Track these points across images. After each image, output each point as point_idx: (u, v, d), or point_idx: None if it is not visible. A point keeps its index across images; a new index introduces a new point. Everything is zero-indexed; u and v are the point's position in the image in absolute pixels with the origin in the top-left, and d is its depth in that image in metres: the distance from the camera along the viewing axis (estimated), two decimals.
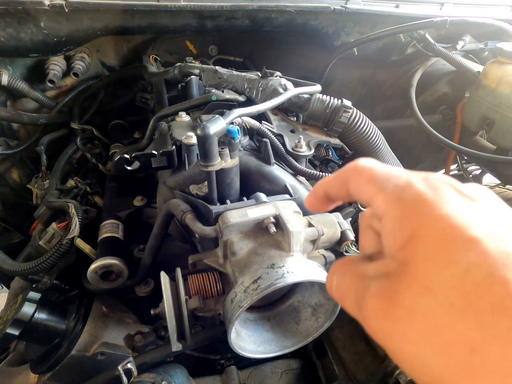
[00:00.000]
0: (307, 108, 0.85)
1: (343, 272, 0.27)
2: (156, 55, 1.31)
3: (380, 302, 0.22)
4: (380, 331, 0.23)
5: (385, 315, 0.22)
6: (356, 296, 0.25)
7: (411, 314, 0.21)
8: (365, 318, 0.24)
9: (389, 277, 0.23)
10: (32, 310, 0.68)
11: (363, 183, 0.27)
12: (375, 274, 0.24)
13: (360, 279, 0.25)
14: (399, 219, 0.24)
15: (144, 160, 0.71)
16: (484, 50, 1.45)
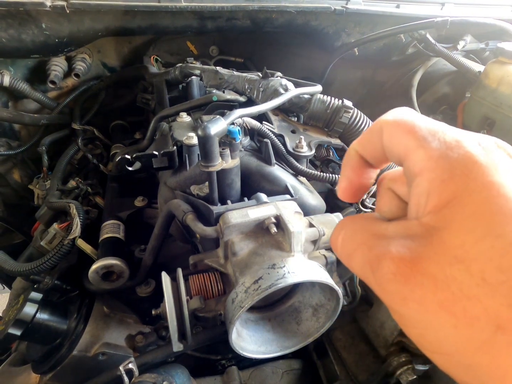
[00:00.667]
0: (308, 109, 0.85)
1: (354, 229, 0.25)
2: (157, 55, 1.31)
3: (400, 265, 0.20)
4: (395, 295, 0.21)
5: (405, 280, 0.20)
6: (369, 256, 0.22)
7: (435, 283, 0.19)
8: (378, 279, 0.21)
9: (414, 240, 0.21)
10: (34, 311, 0.68)
11: (401, 134, 0.24)
12: (395, 235, 0.22)
13: (376, 238, 0.23)
14: (440, 180, 0.21)
15: (145, 161, 0.71)
16: (485, 50, 1.45)
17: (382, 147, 0.25)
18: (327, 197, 0.89)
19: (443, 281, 0.19)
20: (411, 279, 0.20)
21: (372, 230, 0.24)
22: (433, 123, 0.23)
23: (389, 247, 0.21)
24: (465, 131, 0.23)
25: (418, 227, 0.21)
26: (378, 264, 0.21)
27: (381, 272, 0.21)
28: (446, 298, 0.19)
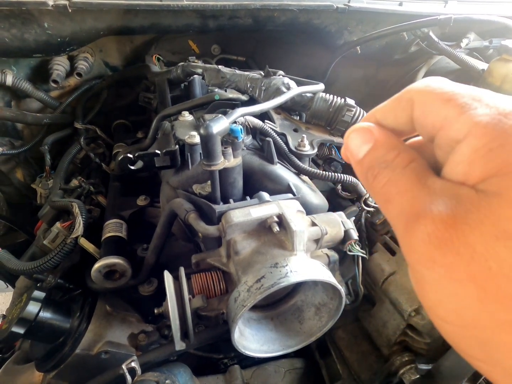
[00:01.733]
0: (310, 107, 0.85)
1: (401, 167, 0.22)
2: (159, 54, 1.31)
3: (439, 228, 0.18)
4: (423, 256, 0.19)
5: (439, 243, 0.18)
6: (409, 209, 0.20)
7: (472, 254, 0.18)
8: (410, 237, 0.20)
9: (460, 203, 0.19)
10: (37, 309, 0.68)
11: (439, 104, 0.21)
12: (442, 192, 0.20)
13: (423, 189, 0.20)
14: (487, 149, 0.19)
15: (147, 160, 0.71)
16: (488, 48, 1.43)
17: (410, 119, 0.23)
18: (329, 196, 0.89)
19: (482, 254, 0.17)
20: (447, 243, 0.18)
21: (421, 177, 0.21)
22: (477, 89, 0.21)
23: (432, 205, 0.19)
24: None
25: (467, 191, 0.19)
26: (416, 221, 0.19)
27: (416, 230, 0.19)
28: (480, 272, 0.17)
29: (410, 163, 0.22)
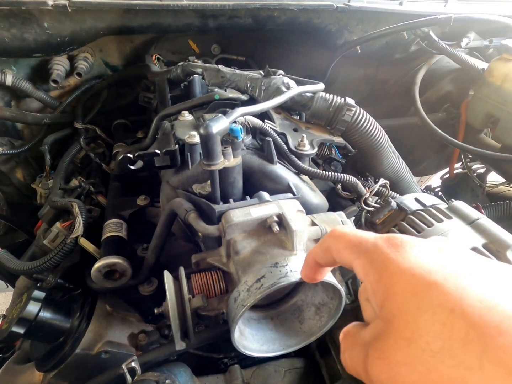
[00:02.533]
0: (310, 107, 0.84)
1: (351, 346, 0.29)
2: (159, 54, 1.31)
3: (379, 365, 0.24)
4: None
5: (386, 375, 0.24)
6: (363, 365, 0.27)
7: (404, 367, 0.23)
8: (375, 383, 0.26)
9: (379, 338, 0.25)
10: (37, 309, 0.68)
11: (342, 250, 0.31)
12: (370, 339, 0.27)
13: (362, 348, 0.27)
14: (375, 281, 0.27)
15: (147, 159, 0.71)
16: (489, 47, 1.43)
17: (332, 258, 0.33)
18: (329, 195, 0.89)
19: (408, 363, 0.23)
20: (390, 372, 0.24)
21: (359, 341, 0.28)
22: (360, 234, 0.31)
23: (369, 352, 0.26)
24: (379, 234, 0.29)
25: (380, 324, 0.26)
26: (367, 370, 0.26)
27: (371, 376, 0.25)
28: (417, 376, 0.22)
29: (353, 338, 0.30)
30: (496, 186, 1.56)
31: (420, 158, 1.62)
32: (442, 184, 1.77)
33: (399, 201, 0.68)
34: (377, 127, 0.85)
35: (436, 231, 0.58)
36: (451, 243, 0.28)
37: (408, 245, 0.27)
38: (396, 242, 0.28)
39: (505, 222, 1.16)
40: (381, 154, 0.88)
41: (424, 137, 1.48)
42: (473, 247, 0.53)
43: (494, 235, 0.55)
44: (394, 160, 0.92)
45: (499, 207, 1.22)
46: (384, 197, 0.75)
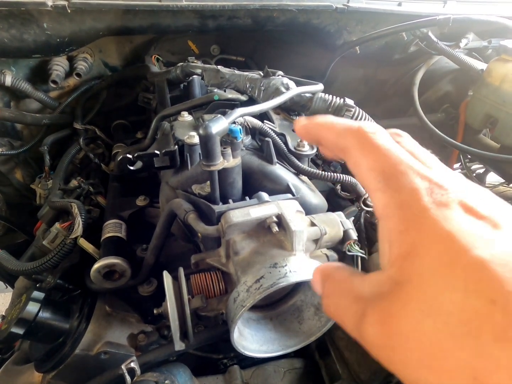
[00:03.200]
0: (309, 107, 0.85)
1: (339, 294, 0.26)
2: (158, 55, 1.31)
3: (377, 329, 0.21)
4: (382, 357, 0.22)
5: (385, 343, 0.21)
6: (354, 321, 0.23)
7: (410, 340, 0.20)
8: (366, 343, 0.23)
9: (384, 299, 0.22)
10: (36, 310, 0.68)
11: (365, 168, 0.24)
12: (370, 295, 0.23)
13: (357, 301, 0.24)
14: (398, 231, 0.22)
15: (146, 160, 0.71)
16: (487, 48, 1.44)
17: (340, 153, 0.27)
18: (328, 196, 0.89)
19: (416, 338, 0.20)
20: (390, 340, 0.21)
21: (352, 292, 0.25)
22: (401, 159, 0.23)
23: (366, 311, 0.22)
24: (429, 173, 0.23)
25: (388, 283, 0.22)
26: (361, 328, 0.23)
27: (365, 336, 0.22)
28: (423, 354, 0.19)
29: (340, 285, 0.26)
30: (495, 186, 1.56)
31: None
32: None
33: None
34: None
35: None
36: (510, 210, 0.22)
37: (456, 207, 0.21)
38: (443, 198, 0.21)
39: None
40: None
41: (423, 137, 1.49)
42: None
43: None
44: None
45: None
46: None
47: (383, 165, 0.23)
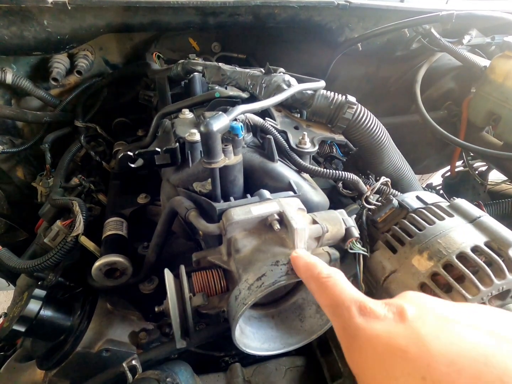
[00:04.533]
0: (311, 105, 0.84)
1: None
2: (159, 52, 1.31)
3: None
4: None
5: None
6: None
7: None
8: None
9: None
10: (38, 307, 0.68)
11: (324, 306, 0.35)
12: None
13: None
14: (346, 348, 0.29)
15: (147, 158, 0.71)
16: (491, 44, 1.43)
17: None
18: (330, 193, 0.88)
19: None
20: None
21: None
22: (340, 291, 0.34)
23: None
24: (353, 294, 0.33)
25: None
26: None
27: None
28: None
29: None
30: (497, 184, 1.56)
31: (422, 156, 1.61)
32: (444, 182, 1.77)
33: (400, 199, 0.68)
34: (378, 125, 0.84)
35: (438, 229, 0.58)
36: (414, 302, 0.29)
37: (376, 312, 0.29)
38: (366, 308, 0.30)
39: (507, 220, 1.16)
40: (382, 152, 0.88)
41: (425, 135, 1.48)
42: (474, 245, 0.53)
43: (496, 233, 0.54)
44: (395, 158, 0.92)
45: (501, 205, 1.22)
46: (385, 195, 0.75)
47: (330, 301, 0.34)
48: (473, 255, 0.51)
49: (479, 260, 0.51)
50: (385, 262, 0.61)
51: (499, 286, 0.50)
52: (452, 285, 0.50)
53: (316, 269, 0.38)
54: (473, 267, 0.51)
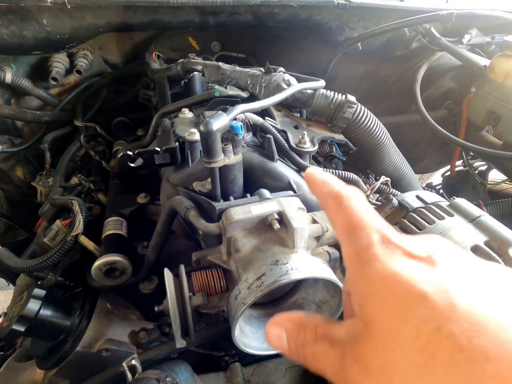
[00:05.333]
0: (311, 104, 0.84)
1: (314, 341, 0.28)
2: (159, 52, 1.31)
3: (357, 370, 0.24)
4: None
5: (366, 380, 0.23)
6: (335, 366, 0.25)
7: (383, 375, 0.22)
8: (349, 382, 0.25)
9: (357, 340, 0.24)
10: (38, 307, 0.68)
11: (338, 225, 0.30)
12: (346, 338, 0.26)
13: (334, 346, 0.26)
14: (356, 276, 0.26)
15: (147, 157, 0.71)
16: (491, 44, 1.42)
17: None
18: None
19: (387, 371, 0.22)
20: (370, 379, 0.23)
21: (328, 338, 0.27)
22: (361, 216, 0.28)
23: (345, 354, 0.25)
24: (380, 227, 0.27)
25: (358, 324, 0.25)
26: (343, 372, 0.25)
27: (348, 379, 0.25)
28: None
29: (316, 332, 0.28)
30: (497, 183, 1.56)
31: (421, 156, 1.61)
32: (443, 182, 1.77)
33: (400, 199, 0.68)
34: (378, 124, 0.84)
35: (438, 229, 0.58)
36: (448, 248, 0.26)
37: (401, 247, 0.26)
38: (390, 240, 0.26)
39: (507, 219, 1.16)
40: (382, 152, 0.88)
41: (425, 134, 1.48)
42: (474, 245, 0.53)
43: (496, 233, 0.54)
44: (395, 157, 0.91)
45: (501, 205, 1.22)
46: (385, 195, 0.75)
47: (349, 222, 0.28)
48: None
49: None
50: None
51: None
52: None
53: (336, 186, 0.32)
54: None
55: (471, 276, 0.24)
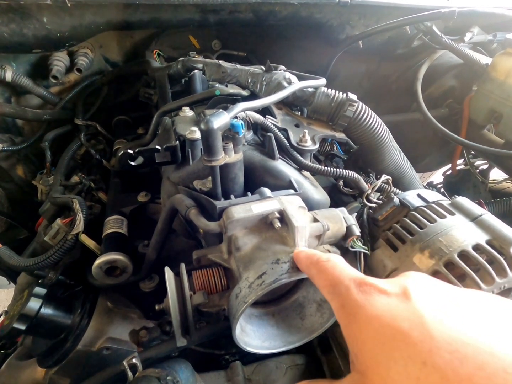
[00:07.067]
0: (312, 102, 0.84)
1: None
2: (159, 50, 1.30)
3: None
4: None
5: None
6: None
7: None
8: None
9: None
10: (38, 305, 0.68)
11: (321, 287, 0.34)
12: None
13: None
14: (345, 327, 0.28)
15: (147, 156, 0.70)
16: (492, 42, 1.42)
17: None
18: (331, 191, 0.88)
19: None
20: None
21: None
22: (339, 271, 0.33)
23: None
24: (355, 276, 0.31)
25: (356, 377, 0.27)
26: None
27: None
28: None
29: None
30: (499, 182, 1.55)
31: (423, 154, 1.61)
32: (444, 181, 1.76)
33: (401, 197, 0.67)
34: (379, 122, 0.84)
35: (439, 227, 0.58)
36: (420, 280, 0.28)
37: (377, 291, 0.28)
38: (365, 282, 0.29)
39: (509, 218, 1.16)
40: (383, 150, 0.87)
41: (426, 133, 1.47)
42: (476, 244, 0.53)
43: (498, 232, 0.54)
44: (396, 156, 0.91)
45: (502, 204, 1.21)
46: (386, 193, 0.75)
47: (329, 281, 0.33)
48: (475, 254, 0.51)
49: (480, 258, 0.51)
50: (386, 261, 0.61)
51: (501, 284, 0.49)
52: (453, 284, 0.50)
53: (316, 255, 0.38)
54: (475, 265, 0.51)
55: (444, 303, 0.25)
